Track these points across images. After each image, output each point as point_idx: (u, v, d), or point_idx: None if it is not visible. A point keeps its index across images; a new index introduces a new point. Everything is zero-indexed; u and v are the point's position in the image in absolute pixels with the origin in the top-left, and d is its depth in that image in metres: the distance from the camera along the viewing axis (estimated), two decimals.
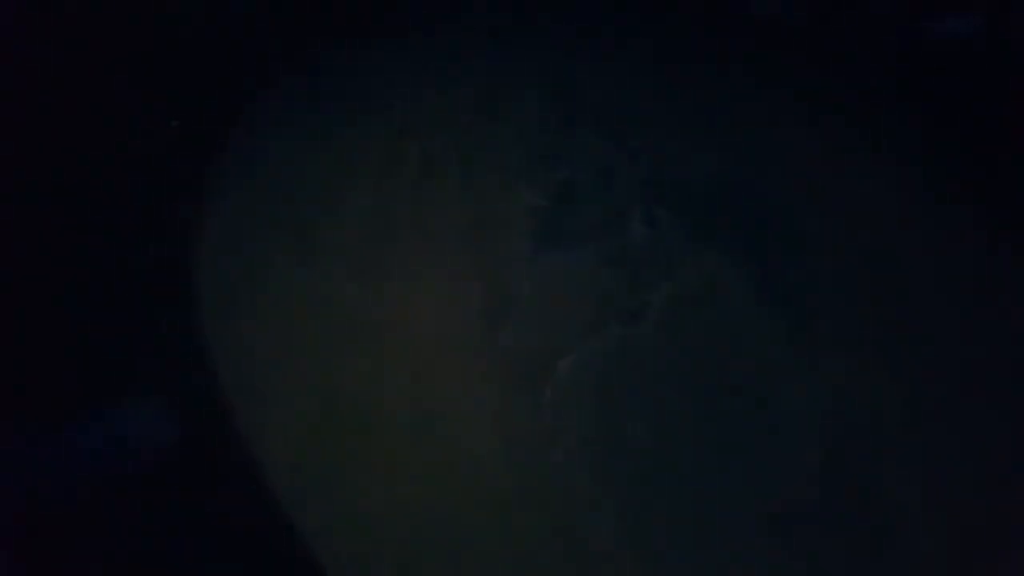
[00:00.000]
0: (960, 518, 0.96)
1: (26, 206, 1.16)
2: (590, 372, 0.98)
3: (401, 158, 1.13)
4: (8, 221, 1.15)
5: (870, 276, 1.05)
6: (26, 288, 1.14)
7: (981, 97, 1.16)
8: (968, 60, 1.18)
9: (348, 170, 1.14)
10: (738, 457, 0.96)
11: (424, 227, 1.09)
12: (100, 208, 1.17)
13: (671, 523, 0.94)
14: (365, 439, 1.02)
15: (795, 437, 0.96)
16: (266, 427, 1.06)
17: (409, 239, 1.08)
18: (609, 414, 0.97)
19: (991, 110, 1.15)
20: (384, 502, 1.00)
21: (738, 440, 0.96)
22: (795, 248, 1.05)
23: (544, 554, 0.94)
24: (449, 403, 1.00)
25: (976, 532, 0.96)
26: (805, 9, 1.24)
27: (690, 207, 1.06)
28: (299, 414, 1.05)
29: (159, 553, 1.06)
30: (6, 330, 1.13)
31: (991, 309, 1.06)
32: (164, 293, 1.14)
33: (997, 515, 0.97)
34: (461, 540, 0.96)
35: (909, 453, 0.96)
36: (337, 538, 1.00)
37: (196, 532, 1.05)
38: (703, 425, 0.97)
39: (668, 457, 0.96)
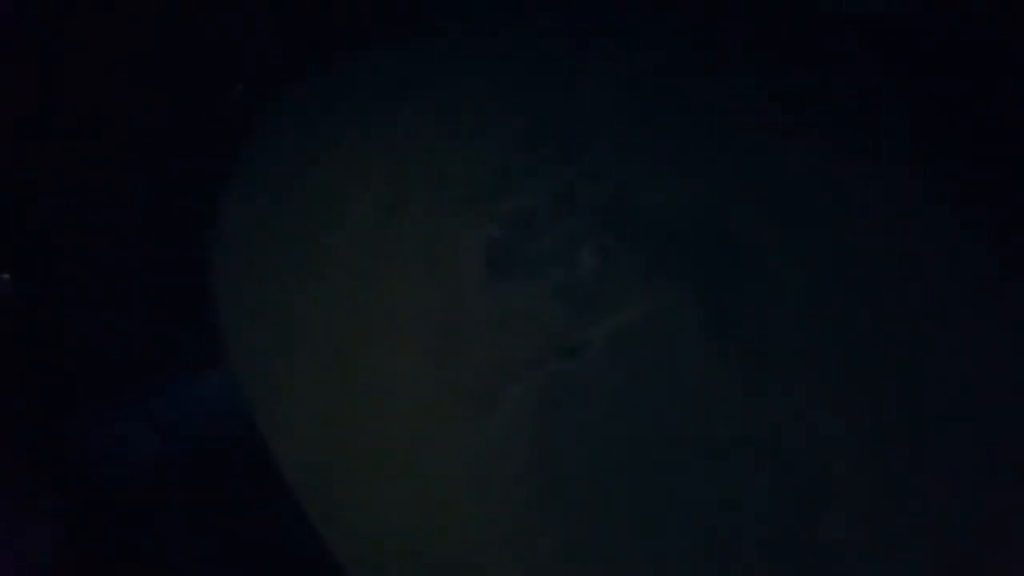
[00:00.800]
0: (957, 532, 0.94)
1: (34, 206, 1.18)
2: (531, 402, 0.97)
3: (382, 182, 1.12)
4: (10, 218, 1.17)
5: (863, 285, 1.02)
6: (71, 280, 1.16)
7: (981, 97, 1.15)
8: (968, 60, 1.18)
9: (338, 189, 1.14)
10: (678, 487, 0.92)
11: (389, 255, 1.08)
12: (101, 208, 1.19)
13: (609, 546, 0.92)
14: (340, 449, 1.03)
15: (738, 467, 0.93)
16: (277, 423, 1.08)
17: (376, 268, 1.08)
18: (548, 442, 0.95)
19: (991, 110, 1.15)
20: (359, 501, 1.01)
21: (676, 470, 0.93)
22: (755, 272, 1.00)
23: (491, 563, 0.94)
24: (405, 422, 1.00)
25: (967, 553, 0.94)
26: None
27: (645, 236, 1.01)
28: (299, 415, 1.07)
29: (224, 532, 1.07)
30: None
31: (990, 311, 1.05)
32: (176, 292, 1.16)
33: (993, 531, 0.95)
34: (415, 543, 0.97)
35: (867, 486, 0.92)
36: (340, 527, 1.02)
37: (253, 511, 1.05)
38: (638, 455, 0.94)
39: (605, 483, 0.93)
